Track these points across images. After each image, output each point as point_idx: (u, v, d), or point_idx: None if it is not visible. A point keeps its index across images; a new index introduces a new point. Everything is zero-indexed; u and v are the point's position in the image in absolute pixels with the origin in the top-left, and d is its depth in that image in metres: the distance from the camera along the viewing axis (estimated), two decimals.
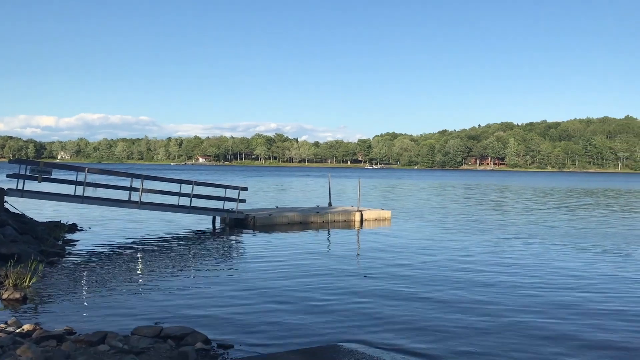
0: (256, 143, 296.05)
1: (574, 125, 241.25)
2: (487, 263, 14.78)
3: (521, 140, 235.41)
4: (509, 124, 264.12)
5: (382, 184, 73.46)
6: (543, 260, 15.28)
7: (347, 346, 7.75)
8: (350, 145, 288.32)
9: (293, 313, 9.57)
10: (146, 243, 17.57)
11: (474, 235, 20.50)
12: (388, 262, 14.69)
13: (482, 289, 11.67)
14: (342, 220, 24.64)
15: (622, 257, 16.17)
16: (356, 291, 11.29)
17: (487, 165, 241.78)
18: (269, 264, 14.22)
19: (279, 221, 22.86)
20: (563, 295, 11.19)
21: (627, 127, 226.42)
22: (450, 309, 9.94)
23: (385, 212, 26.52)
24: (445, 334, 8.55)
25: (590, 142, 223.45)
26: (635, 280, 12.78)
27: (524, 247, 17.83)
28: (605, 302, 10.66)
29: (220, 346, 7.78)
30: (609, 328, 8.96)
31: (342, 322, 9.06)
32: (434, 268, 13.93)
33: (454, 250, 17.00)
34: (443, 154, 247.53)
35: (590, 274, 13.42)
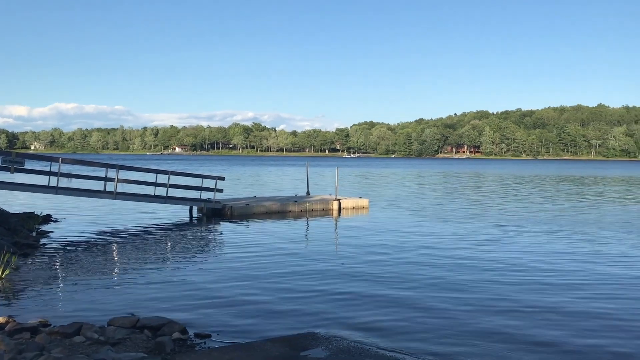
0: (233, 132, 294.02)
1: (548, 114, 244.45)
2: (463, 251, 14.94)
3: (496, 129, 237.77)
4: (484, 113, 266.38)
5: (360, 173, 73.72)
6: (519, 247, 15.51)
7: (324, 334, 7.79)
8: (328, 135, 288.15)
9: (271, 302, 9.58)
10: (122, 234, 17.39)
11: (450, 223, 20.70)
12: (366, 250, 14.77)
13: (458, 276, 11.80)
14: (320, 209, 24.67)
15: (598, 244, 16.49)
16: (334, 279, 11.33)
17: (463, 154, 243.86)
18: (247, 253, 14.19)
19: (256, 210, 22.81)
20: (534, 279, 11.39)
21: (600, 115, 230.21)
22: (426, 298, 10.03)
23: (363, 201, 26.63)
24: (422, 322, 8.63)
25: (563, 130, 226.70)
26: (603, 265, 13.06)
27: (500, 234, 18.06)
28: (578, 290, 10.88)
29: (198, 336, 7.76)
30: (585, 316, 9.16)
31: (320, 310, 9.10)
32: (411, 256, 14.04)
33: (431, 238, 17.16)
34: (420, 142, 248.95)
35: (560, 259, 13.66)
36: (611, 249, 15.24)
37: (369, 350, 7.11)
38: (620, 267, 12.88)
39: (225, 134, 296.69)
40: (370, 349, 7.18)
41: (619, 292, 10.47)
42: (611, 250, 15.04)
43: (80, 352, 6.67)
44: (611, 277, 11.75)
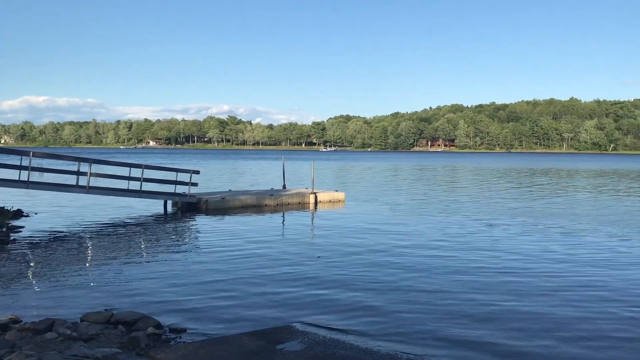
0: (209, 126, 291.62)
1: (522, 107, 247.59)
2: (438, 244, 15.09)
3: (471, 122, 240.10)
4: (459, 106, 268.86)
5: (337, 166, 73.85)
6: (493, 240, 15.72)
7: (300, 327, 7.81)
8: (304, 128, 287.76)
9: (246, 296, 9.55)
10: (95, 228, 17.16)
11: (426, 216, 20.88)
12: (341, 244, 14.82)
13: (433, 269, 11.92)
14: (297, 203, 24.67)
15: (572, 236, 16.79)
16: (310, 272, 11.35)
17: (438, 147, 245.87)
18: (222, 247, 14.11)
19: (232, 204, 22.69)
20: (507, 271, 11.58)
21: (572, 108, 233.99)
22: (401, 291, 10.10)
23: (339, 194, 26.71)
24: (397, 316, 8.70)
25: (536, 123, 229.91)
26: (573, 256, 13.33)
27: (475, 227, 18.27)
28: (550, 279, 11.07)
29: (173, 330, 7.71)
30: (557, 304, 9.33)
31: (296, 303, 9.11)
32: (387, 249, 14.13)
33: (406, 231, 17.29)
34: (395, 136, 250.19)
35: (532, 250, 13.89)
36: (584, 241, 15.54)
37: (345, 342, 7.15)
38: (597, 265, 13.14)
39: (201, 128, 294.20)
40: (346, 341, 7.21)
41: (588, 288, 10.69)
42: (583, 243, 15.34)
43: (52, 348, 6.58)
44: (586, 272, 12.00)
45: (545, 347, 7.23)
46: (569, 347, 7.24)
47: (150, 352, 6.57)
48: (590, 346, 7.30)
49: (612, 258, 13.10)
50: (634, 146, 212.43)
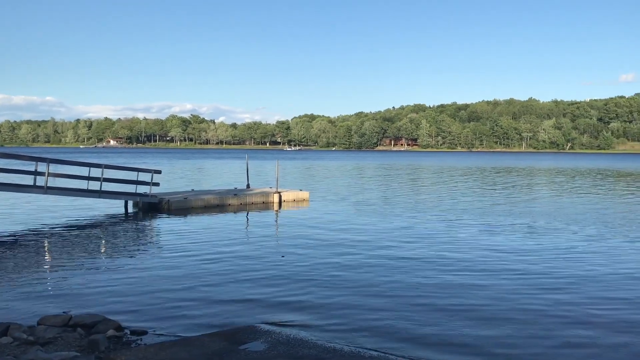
0: (171, 124, 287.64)
1: (482, 107, 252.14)
2: (402, 242, 15.24)
3: (433, 122, 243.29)
4: (421, 106, 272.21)
5: (301, 165, 73.82)
6: (455, 237, 15.97)
7: (263, 327, 7.78)
8: (268, 127, 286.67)
9: (209, 296, 9.47)
10: (53, 230, 16.74)
11: (390, 215, 21.06)
12: (306, 243, 14.83)
13: (396, 267, 12.05)
14: (261, 202, 24.57)
15: (532, 233, 17.18)
16: (274, 272, 11.32)
17: (401, 146, 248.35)
18: (185, 247, 13.96)
19: (195, 204, 22.45)
20: (467, 266, 11.80)
21: (531, 108, 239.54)
22: (364, 290, 10.16)
23: (304, 193, 26.71)
24: (361, 312, 8.76)
25: (497, 123, 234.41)
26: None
27: (437, 224, 18.52)
28: (500, 276, 11.32)
29: (134, 332, 7.59)
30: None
31: (260, 304, 9.08)
32: (351, 248, 14.20)
33: (370, 230, 17.40)
34: (359, 135, 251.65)
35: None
36: (544, 239, 15.93)
37: (308, 341, 7.16)
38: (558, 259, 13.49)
39: (163, 126, 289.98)
40: (310, 340, 7.23)
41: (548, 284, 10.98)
42: (544, 241, 15.73)
43: (8, 353, 6.40)
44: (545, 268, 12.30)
45: (498, 338, 7.41)
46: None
47: (110, 355, 6.45)
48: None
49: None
50: (590, 145, 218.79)
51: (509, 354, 7.03)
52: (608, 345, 7.36)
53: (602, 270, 11.73)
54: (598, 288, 10.28)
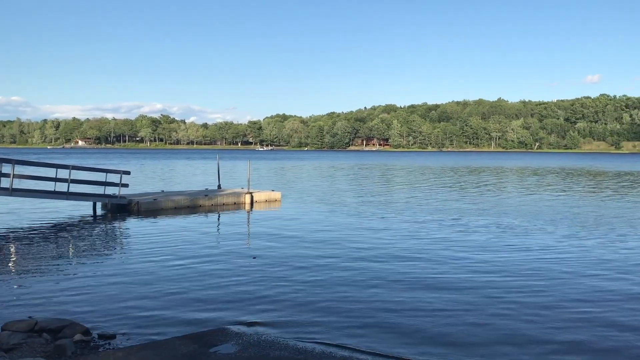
0: (141, 125, 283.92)
1: (452, 107, 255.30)
2: (372, 241, 15.32)
3: (404, 122, 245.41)
4: (392, 107, 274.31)
5: (273, 166, 73.58)
6: (426, 236, 16.12)
7: (234, 329, 7.73)
8: (240, 127, 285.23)
9: (180, 299, 9.37)
10: (19, 233, 16.35)
11: (362, 215, 21.15)
12: (277, 243, 14.79)
13: (366, 266, 12.10)
14: (232, 203, 24.42)
15: (499, 231, 17.44)
16: (245, 273, 11.27)
17: (373, 146, 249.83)
18: (154, 249, 13.78)
19: (165, 205, 22.19)
20: (438, 264, 11.92)
21: (500, 108, 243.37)
22: (336, 290, 10.18)
23: (276, 194, 26.64)
24: (332, 313, 8.78)
25: (466, 123, 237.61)
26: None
27: (409, 224, 18.66)
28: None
29: (102, 337, 7.46)
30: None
31: (231, 306, 9.02)
32: (322, 248, 14.21)
33: (341, 230, 17.44)
34: (331, 135, 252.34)
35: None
36: (510, 238, 16.19)
37: (279, 343, 7.14)
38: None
39: (132, 127, 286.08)
40: (281, 341, 7.21)
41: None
42: (512, 239, 15.99)
43: None
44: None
45: (466, 331, 7.51)
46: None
47: None
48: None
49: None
50: (557, 145, 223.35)
51: (470, 343, 7.13)
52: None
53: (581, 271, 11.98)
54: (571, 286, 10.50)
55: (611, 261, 12.77)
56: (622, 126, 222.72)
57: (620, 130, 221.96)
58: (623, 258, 13.15)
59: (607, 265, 12.29)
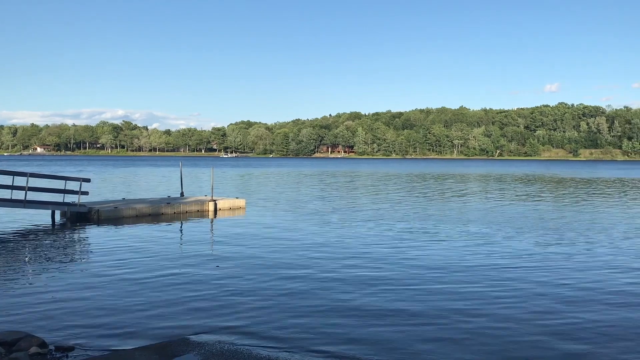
0: (102, 131, 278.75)
1: (416, 115, 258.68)
2: (336, 249, 15.36)
3: (369, 130, 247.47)
4: (357, 114, 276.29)
5: (238, 173, 73.13)
6: (394, 244, 16.24)
7: (196, 339, 7.64)
8: (204, 134, 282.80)
9: (140, 309, 9.21)
10: None
11: (327, 222, 21.18)
12: (241, 252, 14.69)
13: (330, 275, 12.12)
14: (195, 211, 24.16)
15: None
16: (208, 282, 11.15)
17: (338, 153, 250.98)
18: (114, 259, 13.52)
19: (126, 214, 21.80)
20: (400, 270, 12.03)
21: (462, 116, 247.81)
22: (300, 298, 10.17)
23: (240, 201, 26.46)
24: (296, 322, 8.76)
25: (429, 130, 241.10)
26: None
27: (376, 231, 18.78)
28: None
29: (59, 349, 7.27)
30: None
31: (193, 315, 8.91)
32: (286, 256, 14.18)
33: (306, 237, 17.44)
34: (297, 142, 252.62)
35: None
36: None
37: (242, 352, 7.09)
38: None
39: (93, 133, 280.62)
40: (243, 351, 7.16)
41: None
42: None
43: None
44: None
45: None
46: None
47: None
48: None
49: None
50: (517, 152, 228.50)
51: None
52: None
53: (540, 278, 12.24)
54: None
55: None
56: (580, 134, 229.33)
57: (577, 138, 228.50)
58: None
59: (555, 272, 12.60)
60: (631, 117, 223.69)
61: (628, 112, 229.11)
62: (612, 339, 8.02)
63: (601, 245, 16.08)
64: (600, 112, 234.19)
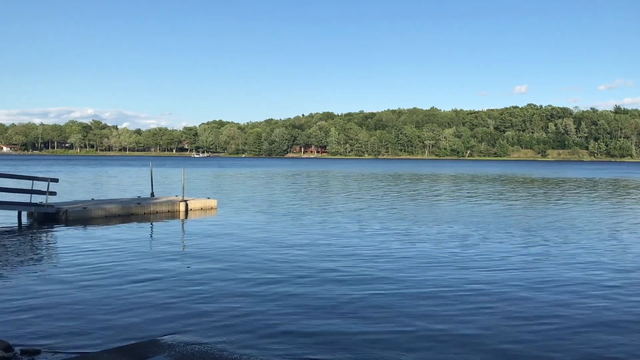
0: (70, 130, 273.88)
1: (388, 116, 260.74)
2: (308, 249, 15.36)
3: (341, 130, 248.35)
4: (330, 114, 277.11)
5: (209, 173, 72.58)
6: (365, 243, 16.32)
7: (166, 340, 7.57)
8: (175, 133, 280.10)
9: (110, 311, 9.07)
10: None
11: (299, 222, 21.17)
12: (213, 252, 14.58)
13: (303, 275, 12.12)
14: (166, 211, 23.90)
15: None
16: (179, 283, 11.04)
17: (311, 153, 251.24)
18: (83, 260, 13.29)
19: (95, 214, 21.45)
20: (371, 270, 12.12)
21: (433, 117, 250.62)
22: (271, 298, 10.13)
23: (212, 201, 26.27)
24: (266, 323, 8.73)
25: (401, 131, 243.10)
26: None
27: (349, 231, 18.85)
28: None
29: (25, 352, 7.11)
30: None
31: (163, 316, 8.81)
32: (258, 257, 14.12)
33: (279, 237, 17.40)
34: (269, 142, 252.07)
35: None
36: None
37: (212, 353, 7.05)
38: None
39: (61, 132, 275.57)
40: (214, 353, 7.11)
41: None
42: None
43: None
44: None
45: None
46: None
47: None
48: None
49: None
50: (487, 152, 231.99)
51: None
52: None
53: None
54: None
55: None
56: (548, 135, 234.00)
57: (546, 138, 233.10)
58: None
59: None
60: (597, 119, 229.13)
61: (594, 114, 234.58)
62: (583, 331, 8.20)
63: (578, 246, 16.42)
64: (567, 114, 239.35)
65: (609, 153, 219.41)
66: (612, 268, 13.02)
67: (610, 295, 10.56)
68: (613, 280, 11.76)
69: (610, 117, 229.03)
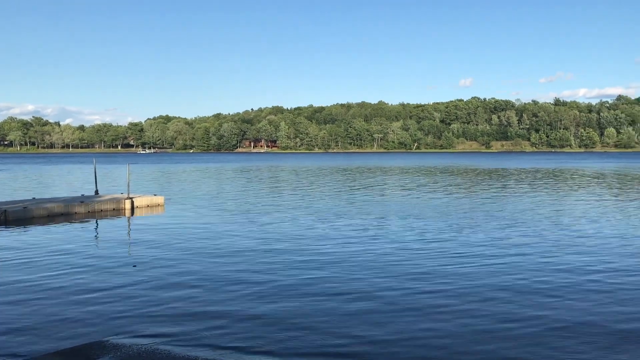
0: (9, 127, 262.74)
1: (337, 110, 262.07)
2: (257, 245, 15.35)
3: (291, 124, 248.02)
4: (279, 108, 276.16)
5: (156, 169, 71.24)
6: (318, 234, 16.42)
7: (113, 341, 7.45)
8: (120, 129, 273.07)
9: (54, 313, 8.84)
10: None
11: (247, 218, 21.09)
12: (160, 250, 14.38)
13: (251, 272, 12.12)
14: (111, 209, 23.35)
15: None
16: (125, 282, 10.86)
17: (261, 148, 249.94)
18: (24, 262, 12.87)
19: (36, 214, 20.76)
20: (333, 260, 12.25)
21: (381, 110, 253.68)
22: (219, 297, 10.07)
23: (158, 198, 25.83)
24: (214, 319, 8.71)
25: (350, 125, 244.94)
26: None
27: (300, 225, 18.91)
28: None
29: None
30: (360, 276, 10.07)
31: (109, 317, 8.66)
32: (207, 253, 14.02)
33: (226, 234, 17.31)
34: (218, 137, 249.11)
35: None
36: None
37: (160, 353, 6.99)
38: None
39: (0, 130, 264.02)
40: (162, 351, 7.06)
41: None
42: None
43: None
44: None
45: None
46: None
47: None
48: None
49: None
50: (434, 145, 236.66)
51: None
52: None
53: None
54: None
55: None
56: (492, 127, 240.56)
57: (489, 130, 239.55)
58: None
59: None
60: (538, 111, 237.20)
61: (535, 106, 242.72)
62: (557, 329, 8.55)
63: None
64: (510, 106, 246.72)
65: (549, 144, 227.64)
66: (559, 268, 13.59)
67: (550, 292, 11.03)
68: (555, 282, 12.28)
69: (551, 109, 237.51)
